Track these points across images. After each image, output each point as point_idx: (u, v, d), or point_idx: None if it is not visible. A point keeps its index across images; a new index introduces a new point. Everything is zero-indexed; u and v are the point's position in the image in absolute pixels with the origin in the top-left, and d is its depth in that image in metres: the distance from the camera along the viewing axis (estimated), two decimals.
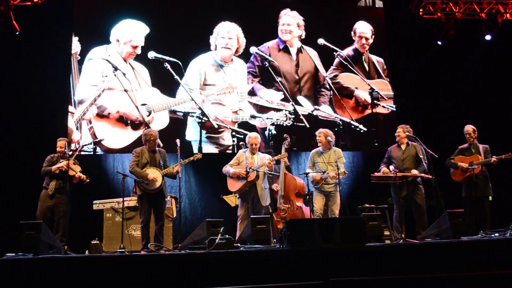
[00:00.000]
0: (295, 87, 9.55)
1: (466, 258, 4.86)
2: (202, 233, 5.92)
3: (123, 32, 9.10)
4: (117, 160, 8.99)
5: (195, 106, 8.94)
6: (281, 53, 9.63)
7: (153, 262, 4.69)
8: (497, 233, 5.94)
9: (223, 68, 9.34)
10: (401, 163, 7.10)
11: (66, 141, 7.03)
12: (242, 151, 7.21)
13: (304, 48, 9.73)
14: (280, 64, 9.55)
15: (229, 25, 9.47)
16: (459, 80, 9.93)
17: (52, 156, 7.01)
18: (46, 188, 6.87)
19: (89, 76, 8.91)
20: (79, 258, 4.95)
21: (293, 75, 9.59)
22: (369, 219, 5.82)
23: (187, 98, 9.00)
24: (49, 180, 6.87)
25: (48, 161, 6.95)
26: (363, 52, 9.98)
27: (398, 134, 7.29)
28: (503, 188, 8.21)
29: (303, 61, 9.71)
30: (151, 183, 6.49)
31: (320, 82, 9.69)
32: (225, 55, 9.36)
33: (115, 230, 7.30)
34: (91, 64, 8.97)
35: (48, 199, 6.81)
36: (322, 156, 7.28)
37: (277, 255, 4.86)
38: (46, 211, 6.77)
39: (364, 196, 8.51)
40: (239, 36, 9.45)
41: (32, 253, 5.03)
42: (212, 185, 8.72)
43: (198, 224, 6.73)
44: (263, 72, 9.47)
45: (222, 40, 9.38)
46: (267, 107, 9.33)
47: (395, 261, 4.78)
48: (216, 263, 4.66)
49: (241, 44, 9.44)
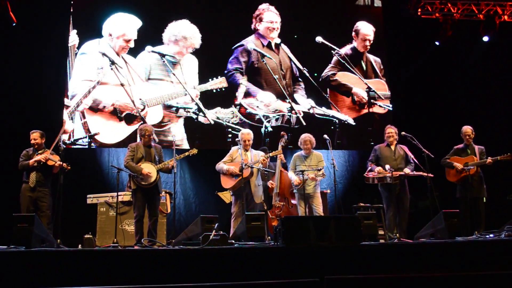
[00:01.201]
0: (282, 84, 9.44)
1: (460, 258, 4.86)
2: (196, 229, 5.90)
3: (116, 26, 9.01)
4: (112, 154, 8.94)
5: (188, 101, 8.87)
6: (266, 49, 9.53)
7: (146, 257, 4.66)
8: (492, 234, 5.94)
9: (173, 64, 9.16)
10: (394, 163, 7.12)
11: (39, 133, 6.93)
12: (235, 148, 7.20)
13: (281, 44, 9.65)
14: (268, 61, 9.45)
15: (180, 23, 9.29)
16: (456, 81, 9.94)
17: (27, 150, 6.91)
18: (26, 182, 6.76)
19: (83, 70, 8.82)
20: (71, 252, 4.90)
21: (280, 72, 9.53)
22: (364, 218, 5.81)
23: (180, 92, 8.94)
24: (28, 174, 6.76)
25: (24, 155, 6.85)
26: (363, 52, 9.96)
27: (391, 135, 7.28)
28: (497, 190, 8.23)
29: (282, 57, 9.64)
30: (146, 178, 6.45)
31: (295, 74, 9.63)
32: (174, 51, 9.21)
33: (108, 224, 7.25)
34: (84, 58, 8.88)
35: (29, 192, 6.72)
36: (304, 160, 7.29)
37: (271, 252, 4.84)
38: (29, 204, 6.68)
39: (359, 195, 8.50)
40: (188, 38, 9.26)
41: (24, 246, 4.99)
42: (207, 182, 8.69)
43: (192, 221, 6.70)
44: (250, 69, 9.37)
45: (173, 37, 9.22)
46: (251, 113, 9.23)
47: (390, 260, 4.77)
48: (210, 259, 4.64)
49: (194, 42, 9.25)
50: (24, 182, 6.80)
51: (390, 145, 7.30)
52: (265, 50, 9.48)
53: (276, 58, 9.55)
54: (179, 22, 9.26)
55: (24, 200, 6.71)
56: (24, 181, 6.80)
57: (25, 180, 6.80)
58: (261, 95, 9.28)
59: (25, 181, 6.80)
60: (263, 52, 9.36)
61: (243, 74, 9.32)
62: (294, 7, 9.83)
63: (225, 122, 9.02)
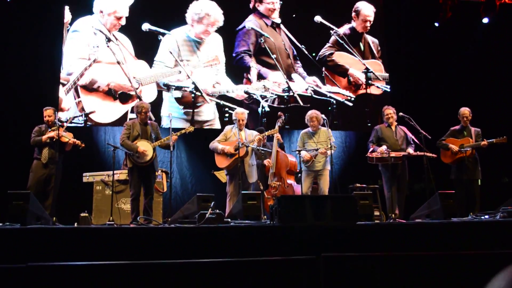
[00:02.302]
0: (288, 63, 9.42)
1: (455, 238, 4.87)
2: (192, 207, 5.88)
3: (107, 2, 8.87)
4: (108, 133, 8.89)
5: (180, 79, 8.80)
6: (270, 29, 9.45)
7: (142, 235, 4.66)
8: (487, 215, 5.96)
9: (197, 44, 9.11)
10: (396, 143, 7.10)
11: (53, 109, 6.92)
12: (229, 127, 7.18)
13: (280, 24, 9.56)
14: (273, 41, 9.37)
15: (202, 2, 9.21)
16: (455, 62, 9.89)
17: (40, 126, 6.88)
18: (38, 159, 6.74)
19: (76, 48, 8.72)
20: (67, 229, 4.90)
21: (285, 51, 9.46)
22: (360, 198, 5.81)
23: (174, 70, 8.85)
24: (41, 150, 6.74)
25: (37, 131, 6.82)
26: (362, 33, 9.88)
27: (390, 115, 7.24)
28: (492, 172, 8.25)
29: (284, 37, 9.56)
30: (141, 156, 6.42)
31: (293, 53, 9.57)
32: (199, 31, 9.14)
33: (104, 203, 7.24)
34: (76, 36, 8.76)
35: (42, 169, 6.70)
36: (312, 137, 7.29)
37: (267, 230, 4.84)
38: (40, 181, 6.66)
39: (356, 176, 8.51)
40: (214, 11, 9.18)
41: (19, 223, 4.97)
42: (203, 161, 8.66)
43: (188, 200, 6.69)
44: (258, 50, 9.29)
45: (196, 16, 9.12)
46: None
47: (386, 240, 4.79)
48: (206, 237, 4.63)
49: (218, 19, 9.17)
50: (35, 158, 6.76)
51: (390, 126, 7.27)
52: (268, 30, 9.41)
53: (279, 38, 9.48)
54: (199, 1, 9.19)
55: (35, 176, 6.67)
56: (36, 157, 6.75)
57: (36, 156, 6.75)
58: (272, 75, 9.22)
59: (36, 157, 6.75)
60: (261, 32, 9.27)
61: (251, 56, 9.25)
62: None
63: (257, 96, 9.04)
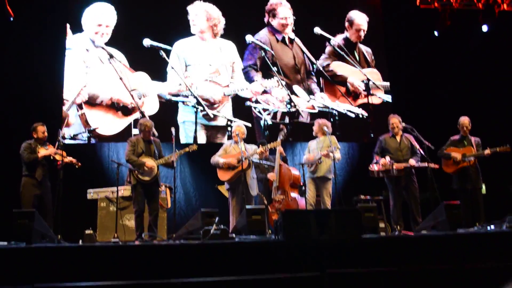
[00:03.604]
0: (297, 78, 9.47)
1: (462, 250, 4.84)
2: (196, 223, 5.88)
3: (91, 16, 8.97)
4: (112, 149, 8.91)
5: (182, 89, 8.84)
6: (280, 44, 9.53)
7: (147, 252, 4.65)
8: (492, 225, 5.93)
9: (202, 48, 9.17)
10: (399, 153, 7.05)
11: (45, 126, 6.78)
12: (228, 142, 7.31)
13: (295, 38, 9.64)
14: (280, 55, 9.45)
15: (198, 4, 9.27)
16: (455, 71, 9.90)
17: (29, 142, 6.64)
18: (31, 176, 6.53)
19: (72, 66, 8.80)
20: (72, 247, 4.90)
21: (294, 67, 9.51)
22: (365, 211, 5.79)
23: (177, 82, 8.91)
24: (34, 167, 6.55)
25: (28, 148, 6.58)
26: (356, 42, 9.91)
27: (395, 125, 7.19)
28: (495, 181, 8.23)
29: (296, 51, 9.62)
30: (149, 172, 6.42)
31: (307, 69, 9.64)
32: (197, 32, 9.20)
33: (109, 219, 7.24)
34: (69, 54, 8.86)
35: (35, 187, 6.52)
36: (316, 143, 7.33)
37: (272, 246, 4.83)
38: (34, 200, 6.49)
39: (359, 188, 8.49)
40: (211, 15, 9.23)
41: (24, 242, 4.98)
42: (207, 176, 8.65)
43: (192, 215, 6.69)
44: (264, 64, 9.33)
45: (191, 18, 9.21)
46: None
47: (392, 253, 4.77)
48: (210, 253, 4.62)
49: (216, 22, 9.22)
50: (27, 176, 6.54)
51: (395, 136, 7.23)
52: (279, 45, 9.50)
53: (289, 53, 9.53)
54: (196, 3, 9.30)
55: (29, 195, 6.48)
56: (28, 175, 6.54)
57: (29, 174, 6.54)
58: (276, 90, 9.25)
59: (29, 175, 6.53)
60: (262, 45, 9.32)
61: (257, 71, 9.30)
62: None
63: (259, 109, 9.11)
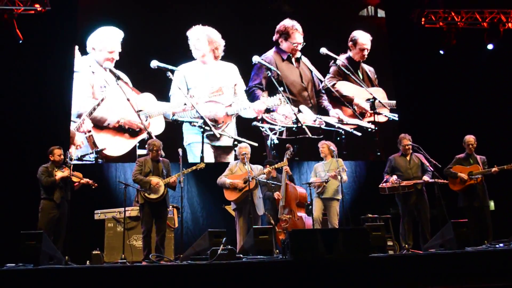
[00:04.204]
0: (304, 96, 9.54)
1: (471, 269, 4.80)
2: (204, 243, 5.88)
3: (97, 39, 9.10)
4: (119, 170, 8.96)
5: (187, 108, 8.93)
6: (285, 63, 9.61)
7: (154, 273, 4.65)
8: (501, 243, 5.88)
9: (204, 71, 9.29)
10: (409, 172, 7.06)
11: (61, 148, 6.85)
12: (234, 162, 7.37)
13: (301, 57, 9.73)
14: (286, 74, 9.53)
15: (199, 29, 9.40)
16: (461, 89, 9.91)
17: (46, 166, 6.71)
18: (49, 199, 6.58)
19: (80, 88, 8.91)
20: (79, 268, 4.91)
21: (301, 85, 9.58)
22: (372, 230, 5.78)
23: (181, 102, 9.00)
24: (52, 190, 6.61)
25: (45, 171, 6.64)
26: (359, 61, 9.97)
27: (405, 144, 7.20)
28: (502, 198, 8.18)
29: (303, 70, 9.70)
30: (155, 190, 6.44)
31: (317, 87, 9.70)
32: (198, 57, 9.34)
33: (116, 240, 7.23)
34: (78, 77, 8.98)
35: (54, 209, 6.55)
36: (323, 165, 7.40)
37: (280, 266, 4.81)
38: (52, 221, 6.52)
39: (367, 206, 8.46)
40: (212, 38, 9.37)
41: (32, 263, 4.99)
42: (214, 195, 8.64)
43: (200, 234, 6.68)
44: (270, 84, 9.41)
45: (192, 43, 9.36)
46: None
47: (400, 272, 4.73)
48: (218, 274, 4.62)
49: (217, 46, 9.35)
50: (46, 199, 6.58)
51: (405, 155, 7.24)
52: (284, 64, 9.59)
53: (295, 71, 9.62)
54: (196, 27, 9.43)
55: (47, 217, 6.50)
56: (47, 197, 6.58)
57: (47, 197, 6.58)
58: (281, 108, 9.30)
59: (47, 197, 6.58)
60: (267, 65, 9.40)
61: (263, 90, 9.39)
62: (296, 18, 9.83)
63: (265, 129, 9.18)
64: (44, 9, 8.73)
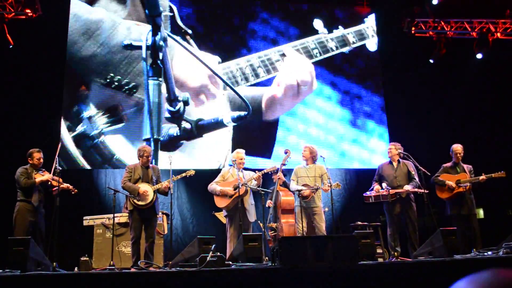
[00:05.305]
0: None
1: (460, 276, 4.81)
2: (193, 250, 5.85)
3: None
4: (109, 176, 8.91)
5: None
6: None
7: (143, 279, 4.63)
8: (490, 251, 5.91)
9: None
10: (394, 180, 7.09)
11: (41, 152, 6.73)
12: (227, 168, 7.31)
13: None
14: None
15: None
16: (450, 98, 10.01)
17: (25, 168, 6.56)
18: (27, 202, 6.42)
19: None
20: (67, 275, 4.87)
21: None
22: (362, 237, 5.78)
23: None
24: (30, 193, 6.45)
25: (24, 173, 6.49)
26: None
27: (390, 151, 7.28)
28: (490, 206, 8.23)
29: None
30: (142, 197, 6.41)
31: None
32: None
33: (105, 246, 7.18)
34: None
35: (31, 213, 6.40)
36: (306, 170, 7.25)
37: (269, 273, 4.81)
38: (29, 225, 6.37)
39: (357, 214, 8.48)
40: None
41: (19, 269, 4.93)
42: (204, 202, 8.62)
43: (189, 241, 6.65)
44: None
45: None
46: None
47: (389, 280, 4.75)
48: (207, 281, 4.60)
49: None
50: (23, 201, 6.41)
51: (392, 162, 7.28)
52: None
53: None
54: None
55: (24, 221, 6.35)
56: (24, 200, 6.41)
57: (25, 199, 6.41)
58: None
59: (25, 200, 6.41)
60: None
61: None
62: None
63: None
64: (35, 14, 8.71)
